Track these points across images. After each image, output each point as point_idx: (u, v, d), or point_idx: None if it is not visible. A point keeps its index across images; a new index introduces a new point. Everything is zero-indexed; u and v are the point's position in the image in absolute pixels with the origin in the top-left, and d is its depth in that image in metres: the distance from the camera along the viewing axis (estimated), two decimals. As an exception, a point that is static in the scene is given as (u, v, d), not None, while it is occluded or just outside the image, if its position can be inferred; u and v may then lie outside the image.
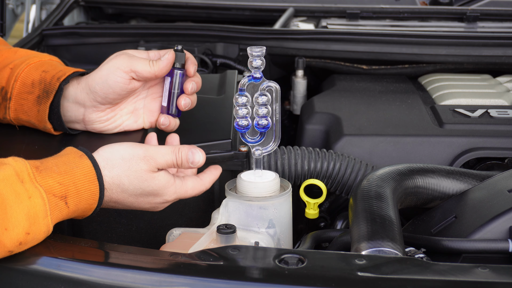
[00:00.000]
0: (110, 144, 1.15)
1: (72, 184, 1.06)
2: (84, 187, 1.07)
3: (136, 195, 1.14)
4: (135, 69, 1.26)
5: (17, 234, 0.99)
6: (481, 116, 1.66)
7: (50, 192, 1.03)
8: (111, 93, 1.28)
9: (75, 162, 1.09)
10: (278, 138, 1.26)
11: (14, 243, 0.99)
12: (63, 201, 1.05)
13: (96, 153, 1.13)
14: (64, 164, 1.08)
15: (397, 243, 1.05)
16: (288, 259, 0.99)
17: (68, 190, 1.05)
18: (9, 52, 1.40)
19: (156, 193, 1.16)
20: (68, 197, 1.05)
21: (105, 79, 1.27)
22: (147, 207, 1.18)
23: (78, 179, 1.07)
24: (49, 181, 1.04)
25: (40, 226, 1.02)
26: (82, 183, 1.07)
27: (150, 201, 1.16)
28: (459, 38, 2.03)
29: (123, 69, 1.26)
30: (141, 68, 1.27)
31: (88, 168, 1.09)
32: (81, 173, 1.08)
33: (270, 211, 1.21)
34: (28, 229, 1.00)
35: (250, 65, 1.23)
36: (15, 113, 1.34)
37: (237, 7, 2.55)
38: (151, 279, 0.97)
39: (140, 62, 1.27)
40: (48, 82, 1.30)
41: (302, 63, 2.04)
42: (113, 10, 2.72)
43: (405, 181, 1.27)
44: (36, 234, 1.02)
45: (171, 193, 1.17)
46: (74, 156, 1.10)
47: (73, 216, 1.09)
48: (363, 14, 2.44)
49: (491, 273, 0.96)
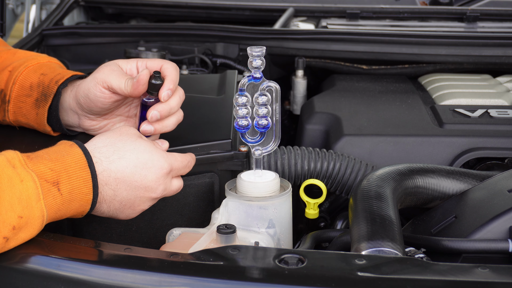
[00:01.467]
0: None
1: (64, 170, 1.06)
2: (75, 174, 1.07)
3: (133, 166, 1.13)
4: (111, 85, 1.23)
5: (9, 217, 0.99)
6: (481, 116, 1.66)
7: (42, 177, 1.04)
8: (94, 107, 1.26)
9: (65, 150, 1.09)
10: (278, 138, 1.26)
11: (7, 227, 0.99)
12: (56, 187, 1.05)
13: (87, 144, 1.14)
14: (54, 153, 1.08)
15: (397, 243, 1.05)
16: (288, 259, 0.99)
17: (60, 176, 1.06)
18: (8, 53, 1.40)
19: (145, 161, 1.14)
20: (60, 183, 1.05)
21: (86, 93, 1.25)
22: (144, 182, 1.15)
23: (69, 165, 1.07)
24: (41, 167, 1.05)
25: (33, 210, 1.01)
26: (74, 170, 1.07)
27: (145, 175, 1.15)
28: (459, 38, 2.03)
29: (101, 84, 1.23)
30: (116, 85, 1.23)
31: (78, 156, 1.09)
32: (72, 160, 1.08)
33: (270, 211, 1.21)
34: (21, 212, 1.00)
35: (250, 65, 1.22)
36: (14, 116, 1.34)
37: (237, 7, 2.55)
38: (151, 279, 0.97)
39: (116, 79, 1.23)
40: (47, 86, 1.30)
41: (302, 63, 2.04)
42: (113, 10, 2.73)
43: (405, 181, 1.27)
44: (30, 218, 1.01)
45: (159, 157, 1.16)
46: (65, 145, 1.11)
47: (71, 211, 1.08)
48: (363, 14, 2.44)
49: (491, 273, 0.96)
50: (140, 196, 1.16)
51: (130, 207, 1.16)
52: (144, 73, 1.21)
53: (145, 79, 1.21)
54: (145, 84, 1.21)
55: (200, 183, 1.34)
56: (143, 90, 1.22)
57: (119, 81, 1.22)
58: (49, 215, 1.04)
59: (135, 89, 1.21)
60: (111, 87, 1.23)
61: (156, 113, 1.22)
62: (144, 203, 1.17)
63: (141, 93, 1.22)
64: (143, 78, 1.21)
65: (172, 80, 1.23)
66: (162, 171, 1.16)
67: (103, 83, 1.23)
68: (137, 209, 1.18)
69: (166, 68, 1.24)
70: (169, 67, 1.24)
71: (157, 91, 1.22)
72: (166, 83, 1.22)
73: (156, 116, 1.22)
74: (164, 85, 1.22)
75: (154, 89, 1.22)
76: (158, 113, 1.22)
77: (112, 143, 1.15)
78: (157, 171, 1.15)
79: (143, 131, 1.23)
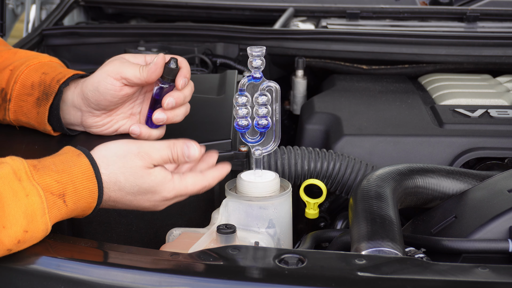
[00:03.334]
0: (105, 142, 1.15)
1: (70, 182, 1.06)
2: (82, 185, 1.07)
3: (134, 193, 1.13)
4: (125, 75, 1.23)
5: (15, 232, 0.99)
6: (481, 116, 1.66)
7: (48, 190, 1.03)
8: (102, 100, 1.26)
9: (72, 160, 1.08)
10: (278, 138, 1.26)
11: (12, 241, 0.99)
12: (61, 199, 1.04)
13: (93, 152, 1.12)
14: (61, 163, 1.07)
15: (397, 243, 1.05)
16: (288, 259, 0.99)
17: (66, 188, 1.05)
18: (8, 53, 1.40)
19: (154, 190, 1.14)
20: (66, 195, 1.05)
21: (96, 86, 1.25)
22: (147, 205, 1.16)
23: (76, 177, 1.07)
24: (47, 179, 1.04)
25: (38, 224, 1.01)
26: (80, 181, 1.07)
27: (149, 199, 1.15)
28: (459, 38, 2.03)
29: (113, 76, 1.23)
30: (131, 74, 1.23)
31: (86, 167, 1.08)
32: (79, 171, 1.07)
33: (270, 211, 1.21)
34: (26, 227, 1.00)
35: (250, 65, 1.22)
36: (14, 115, 1.34)
37: (237, 7, 2.55)
38: (151, 279, 0.97)
39: (130, 68, 1.24)
40: (48, 85, 1.30)
41: (302, 63, 2.04)
42: (113, 10, 2.73)
43: (405, 181, 1.27)
44: (35, 232, 1.01)
45: (169, 189, 1.15)
46: (72, 155, 1.10)
47: (73, 215, 1.09)
48: (363, 14, 2.44)
49: (491, 273, 0.96)
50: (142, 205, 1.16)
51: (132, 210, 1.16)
52: (161, 57, 1.23)
53: (162, 62, 1.23)
54: (162, 68, 1.23)
55: (200, 183, 1.34)
56: (159, 74, 1.23)
57: (133, 70, 1.23)
58: (51, 223, 1.05)
59: (152, 72, 1.22)
60: (125, 77, 1.23)
61: (172, 100, 1.24)
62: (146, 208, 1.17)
63: (157, 77, 1.24)
64: (160, 61, 1.23)
65: (188, 70, 1.26)
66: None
67: (116, 75, 1.23)
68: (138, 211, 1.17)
69: (181, 61, 1.26)
70: (183, 60, 1.27)
71: (173, 77, 1.24)
72: (183, 71, 1.24)
73: (172, 103, 1.24)
74: (180, 73, 1.24)
75: (170, 74, 1.24)
76: (174, 100, 1.24)
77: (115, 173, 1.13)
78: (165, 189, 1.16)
79: (156, 119, 1.25)
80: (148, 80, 1.24)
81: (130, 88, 1.26)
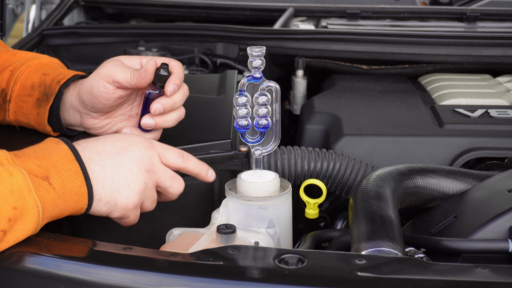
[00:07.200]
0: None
1: (52, 166, 1.06)
2: (64, 167, 1.07)
3: (114, 152, 1.13)
4: (116, 79, 1.23)
5: (4, 210, 0.99)
6: (481, 116, 1.66)
7: (31, 173, 1.03)
8: (97, 103, 1.26)
9: (52, 147, 1.09)
10: (278, 138, 1.26)
11: (3, 219, 0.98)
12: (46, 181, 1.04)
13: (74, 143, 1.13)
14: (41, 150, 1.08)
15: (397, 243, 1.05)
16: (288, 259, 0.99)
17: (48, 171, 1.05)
18: (8, 54, 1.40)
19: (129, 138, 1.15)
20: (51, 178, 1.05)
21: (89, 89, 1.25)
22: (132, 164, 1.14)
23: (57, 161, 1.07)
24: (28, 164, 1.04)
25: (26, 200, 1.01)
26: (61, 164, 1.07)
27: (130, 153, 1.14)
28: (459, 38, 2.03)
29: (106, 79, 1.23)
30: (122, 78, 1.22)
31: (65, 151, 1.08)
32: (59, 156, 1.07)
33: (270, 211, 1.21)
34: (14, 203, 0.99)
35: (250, 65, 1.22)
36: (14, 115, 1.34)
37: (237, 7, 2.55)
38: (151, 279, 0.97)
39: (121, 72, 1.23)
40: (48, 85, 1.30)
41: (302, 63, 2.04)
42: (113, 10, 2.73)
43: (405, 181, 1.27)
44: (24, 209, 1.01)
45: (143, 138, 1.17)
46: (51, 143, 1.10)
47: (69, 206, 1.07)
48: (363, 14, 2.44)
49: (491, 273, 0.96)
50: (127, 166, 1.13)
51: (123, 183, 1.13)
52: (151, 63, 1.22)
53: (153, 68, 1.22)
54: (152, 74, 1.22)
55: (200, 183, 1.34)
56: (149, 80, 1.22)
57: (124, 74, 1.22)
58: (46, 209, 1.04)
59: (142, 78, 1.21)
60: (117, 81, 1.23)
61: (160, 106, 1.23)
62: (136, 177, 1.14)
63: (147, 83, 1.23)
64: (151, 67, 1.21)
65: (178, 76, 1.24)
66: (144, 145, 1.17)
67: (107, 78, 1.23)
68: (132, 187, 1.13)
69: (172, 66, 1.25)
70: (175, 65, 1.25)
71: (163, 83, 1.23)
72: (172, 78, 1.23)
73: (159, 110, 1.23)
74: (170, 79, 1.23)
75: (160, 81, 1.22)
76: (161, 106, 1.23)
77: (98, 139, 1.16)
78: (139, 145, 1.16)
79: (144, 124, 1.24)
80: (138, 85, 1.23)
81: (124, 91, 1.26)
